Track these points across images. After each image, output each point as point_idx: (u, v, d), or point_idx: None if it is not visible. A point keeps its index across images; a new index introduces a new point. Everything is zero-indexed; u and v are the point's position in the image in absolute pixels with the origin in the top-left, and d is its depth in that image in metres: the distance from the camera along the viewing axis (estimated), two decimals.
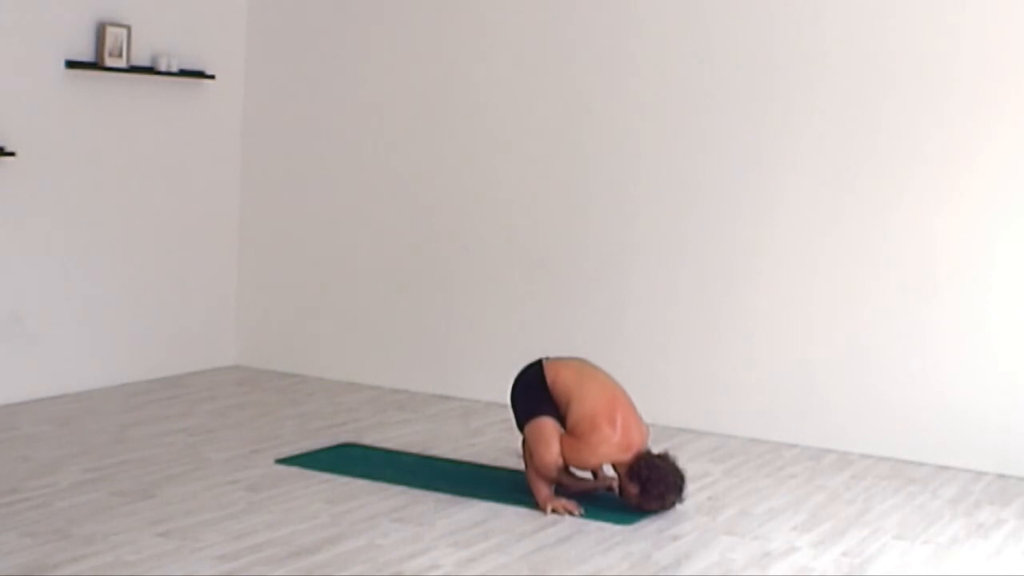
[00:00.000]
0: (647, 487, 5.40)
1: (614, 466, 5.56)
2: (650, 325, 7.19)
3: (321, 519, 5.22)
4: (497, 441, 6.67)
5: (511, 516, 5.40)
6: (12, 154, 6.74)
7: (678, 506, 5.54)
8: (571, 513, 5.42)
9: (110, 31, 7.16)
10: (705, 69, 7.01)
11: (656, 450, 5.62)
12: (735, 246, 7.00)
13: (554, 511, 5.43)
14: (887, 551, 5.22)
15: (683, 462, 6.31)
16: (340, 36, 7.92)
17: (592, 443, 5.42)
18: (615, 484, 5.73)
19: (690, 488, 5.89)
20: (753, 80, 6.91)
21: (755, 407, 6.98)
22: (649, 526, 5.36)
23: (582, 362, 5.79)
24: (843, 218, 6.76)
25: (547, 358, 5.75)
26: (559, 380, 5.58)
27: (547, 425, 5.50)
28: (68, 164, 7.14)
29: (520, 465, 6.14)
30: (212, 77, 7.83)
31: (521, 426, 5.61)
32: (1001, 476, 6.43)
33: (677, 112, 7.10)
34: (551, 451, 5.44)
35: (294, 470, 5.93)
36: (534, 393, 5.59)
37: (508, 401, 5.76)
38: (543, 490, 5.49)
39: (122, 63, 7.23)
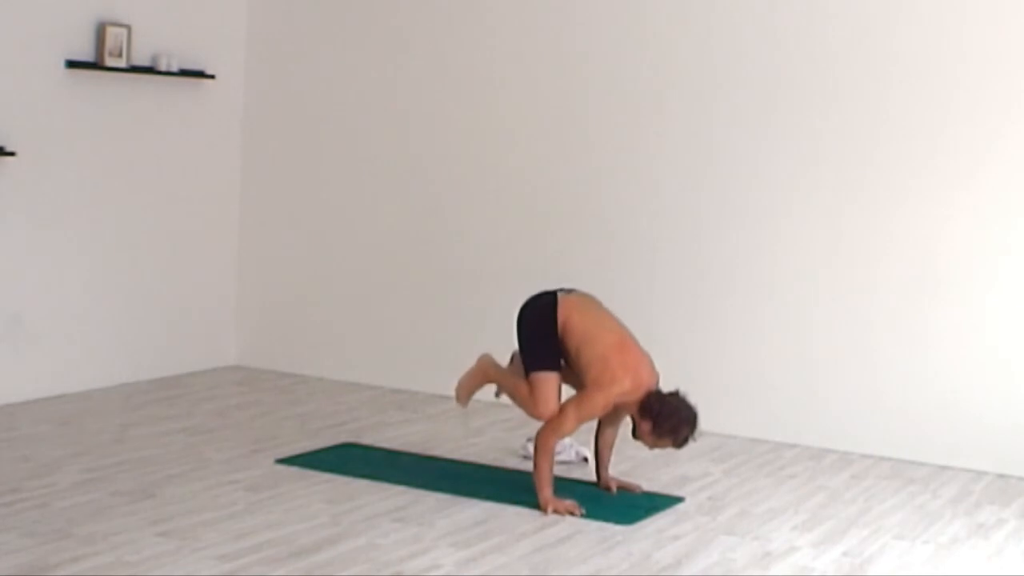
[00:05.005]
0: (659, 421, 5.43)
1: (627, 412, 5.55)
2: (650, 327, 7.17)
3: (321, 519, 5.22)
4: (497, 441, 6.67)
5: (511, 516, 5.39)
6: (12, 154, 6.74)
7: (692, 443, 5.55)
8: (572, 514, 5.42)
9: (110, 31, 7.16)
10: (709, 67, 7.01)
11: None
12: (735, 247, 6.99)
13: (555, 512, 5.42)
14: (887, 551, 5.22)
15: (683, 462, 6.32)
16: (340, 36, 7.92)
17: (604, 384, 5.45)
18: (613, 484, 5.76)
19: (690, 488, 5.89)
20: (757, 80, 6.91)
21: (755, 407, 6.97)
22: (649, 526, 5.36)
23: (592, 305, 5.79)
24: (844, 218, 6.76)
25: (562, 291, 5.77)
26: (569, 324, 5.61)
27: (551, 384, 5.54)
28: (68, 164, 7.14)
29: (520, 465, 6.15)
30: (212, 77, 7.83)
31: (524, 360, 5.64)
32: (1001, 476, 6.42)
33: (678, 113, 7.09)
34: (549, 407, 5.50)
35: (294, 470, 5.92)
36: (543, 334, 5.62)
37: (514, 343, 5.78)
38: (545, 489, 5.48)
39: (122, 63, 7.22)
